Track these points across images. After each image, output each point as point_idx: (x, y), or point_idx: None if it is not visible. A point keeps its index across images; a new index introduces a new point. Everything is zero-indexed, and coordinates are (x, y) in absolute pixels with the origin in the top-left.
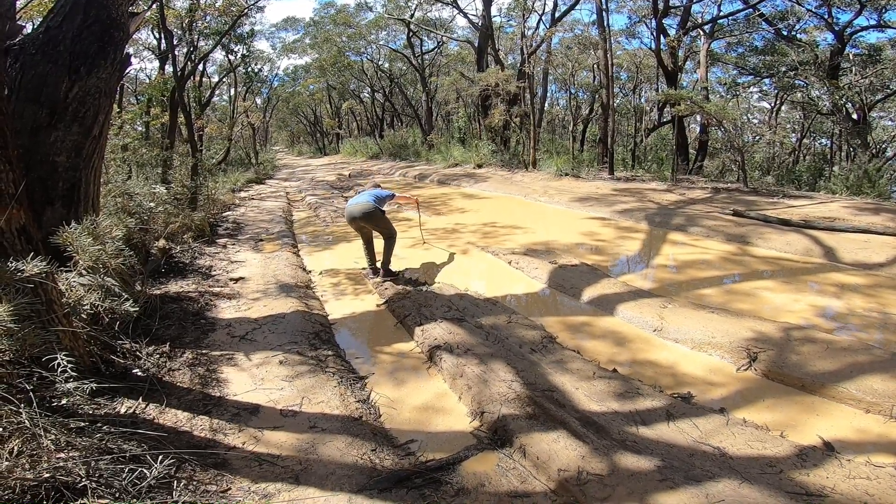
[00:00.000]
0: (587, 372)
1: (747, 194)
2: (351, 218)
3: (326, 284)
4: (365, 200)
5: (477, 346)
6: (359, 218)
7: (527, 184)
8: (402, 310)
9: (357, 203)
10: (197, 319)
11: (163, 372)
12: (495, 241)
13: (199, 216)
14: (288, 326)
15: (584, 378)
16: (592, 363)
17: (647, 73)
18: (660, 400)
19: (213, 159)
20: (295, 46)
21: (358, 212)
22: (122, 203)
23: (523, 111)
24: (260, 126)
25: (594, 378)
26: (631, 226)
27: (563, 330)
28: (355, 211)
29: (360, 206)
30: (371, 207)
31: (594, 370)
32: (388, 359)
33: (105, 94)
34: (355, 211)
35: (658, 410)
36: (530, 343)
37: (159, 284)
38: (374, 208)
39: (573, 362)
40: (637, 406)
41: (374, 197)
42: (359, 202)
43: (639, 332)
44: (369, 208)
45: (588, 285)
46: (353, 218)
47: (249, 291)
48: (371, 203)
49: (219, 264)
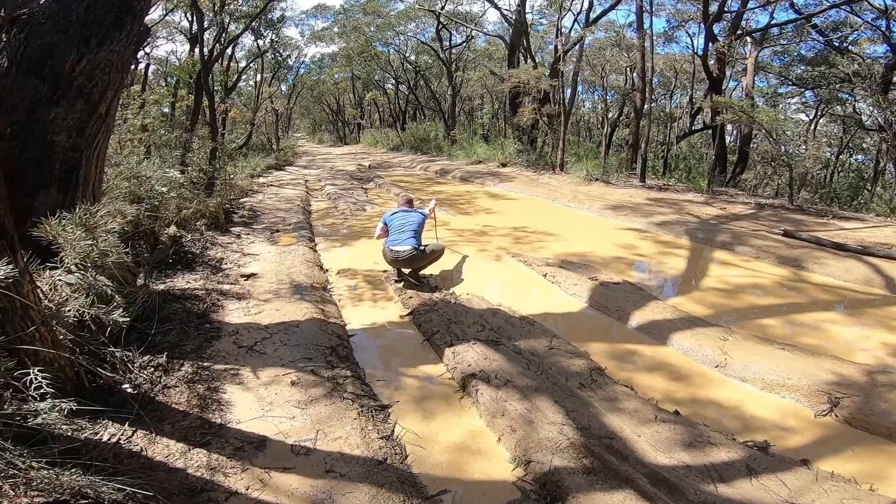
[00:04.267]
0: (647, 414)
1: (793, 212)
2: (394, 261)
3: (344, 287)
4: (408, 245)
5: (517, 376)
6: (403, 262)
7: (554, 187)
8: (429, 325)
9: (399, 247)
10: (201, 323)
11: (157, 389)
12: (528, 248)
13: (214, 203)
14: (302, 337)
15: (644, 422)
16: (650, 403)
17: (683, 78)
18: (736, 450)
19: (233, 143)
20: (323, 34)
21: (403, 257)
22: (132, 187)
23: (552, 111)
24: (283, 112)
25: (656, 422)
26: (671, 240)
27: (610, 359)
28: (400, 255)
29: (403, 251)
30: (413, 253)
31: (654, 412)
32: (414, 384)
33: (117, 69)
34: (400, 255)
35: (736, 464)
36: (577, 375)
37: (164, 278)
38: (416, 253)
39: (628, 401)
40: (711, 458)
41: (415, 232)
42: (400, 246)
43: (697, 366)
44: (412, 254)
45: (635, 308)
46: (395, 262)
47: (261, 291)
48: (413, 246)
49: (230, 256)
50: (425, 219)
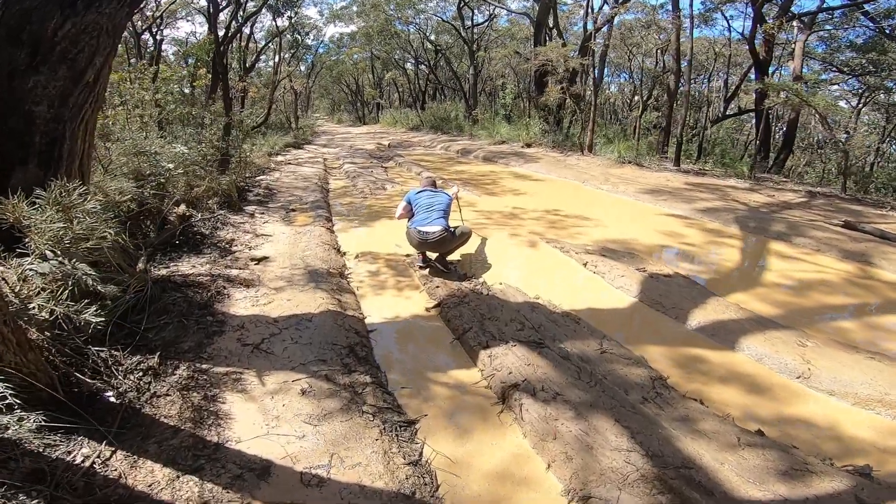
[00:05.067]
0: (728, 436)
1: (848, 202)
2: (421, 245)
3: (363, 273)
4: (438, 225)
5: (568, 387)
6: (430, 246)
7: (583, 168)
8: (459, 320)
9: (428, 227)
10: (203, 315)
11: (145, 398)
12: (564, 234)
13: (227, 180)
14: (315, 334)
15: (726, 446)
16: (730, 422)
17: (719, 62)
18: (839, 479)
19: (250, 121)
20: (342, 13)
21: (432, 239)
22: (138, 163)
23: (579, 91)
24: (302, 91)
25: (740, 446)
26: (719, 228)
27: (673, 366)
28: (429, 237)
29: (433, 232)
30: (443, 234)
31: (737, 434)
32: (443, 393)
33: (107, 33)
34: (429, 237)
35: (842, 497)
36: (637, 387)
37: (168, 261)
38: (447, 234)
39: (704, 420)
40: (811, 489)
41: (444, 212)
42: (430, 226)
43: (776, 377)
44: (442, 236)
45: (694, 306)
46: (423, 244)
47: (272, 277)
48: (443, 227)
49: (242, 238)
50: (451, 201)
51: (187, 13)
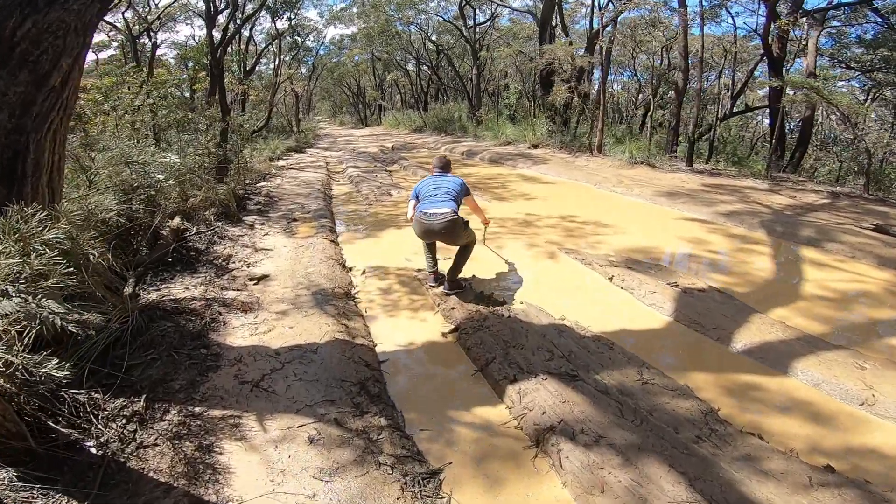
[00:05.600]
0: (798, 476)
1: (873, 203)
2: (427, 233)
3: (372, 291)
4: (446, 207)
5: (611, 428)
6: (438, 234)
7: (594, 170)
8: (480, 349)
9: (433, 209)
10: (196, 347)
11: (130, 449)
12: (583, 243)
13: (225, 189)
14: (321, 369)
15: (798, 488)
16: (797, 459)
17: (728, 58)
18: None
19: (248, 123)
20: (342, 15)
21: (438, 226)
22: (127, 175)
23: (586, 90)
24: (303, 94)
25: (813, 487)
26: (744, 234)
27: (722, 395)
28: (435, 225)
29: (440, 213)
30: (452, 217)
31: (807, 472)
32: (469, 435)
33: (75, 32)
34: (435, 225)
35: None
36: (689, 423)
37: (159, 283)
38: (456, 219)
39: (768, 458)
40: None
41: (453, 196)
42: (436, 207)
43: (836, 404)
44: (451, 219)
45: (736, 325)
46: (429, 233)
47: (273, 300)
48: (452, 210)
49: (240, 253)
50: (464, 189)
51: (186, 16)
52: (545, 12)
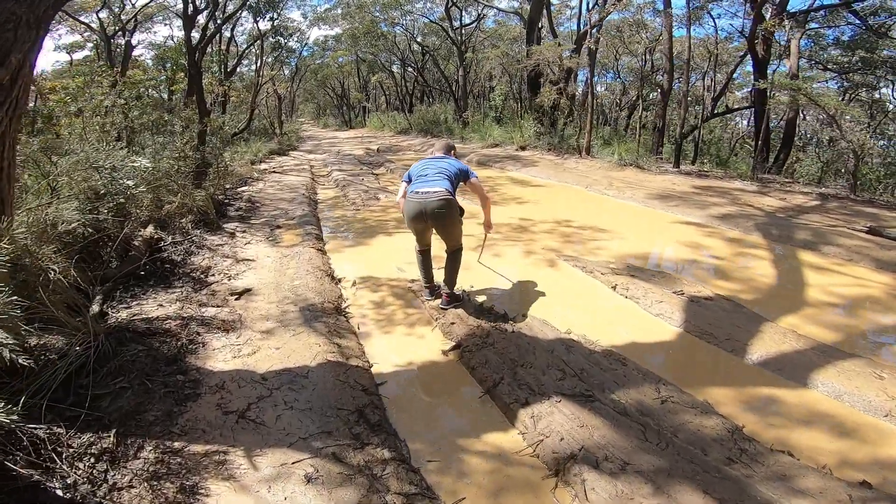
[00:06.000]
0: (836, 493)
1: (861, 204)
2: (419, 215)
3: (364, 305)
4: (439, 186)
5: (635, 453)
6: (430, 216)
7: (583, 172)
8: (485, 368)
9: (426, 187)
10: (171, 373)
11: (102, 491)
12: (582, 249)
13: (203, 195)
14: (314, 396)
15: None
16: (831, 475)
17: (711, 59)
18: None
19: (228, 125)
20: (326, 15)
21: (432, 205)
22: (96, 181)
23: (573, 91)
24: (286, 96)
25: None
26: (740, 237)
27: (744, 411)
28: (428, 204)
29: (433, 193)
30: (446, 197)
31: (845, 490)
32: (481, 465)
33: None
34: (428, 204)
35: None
36: (716, 443)
37: (130, 300)
38: (451, 199)
39: (802, 476)
40: None
41: (448, 177)
42: (428, 186)
43: (861, 416)
44: (445, 199)
45: (749, 335)
46: (420, 215)
47: (257, 317)
48: (446, 189)
49: (220, 265)
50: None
51: (164, 16)
52: (533, 13)
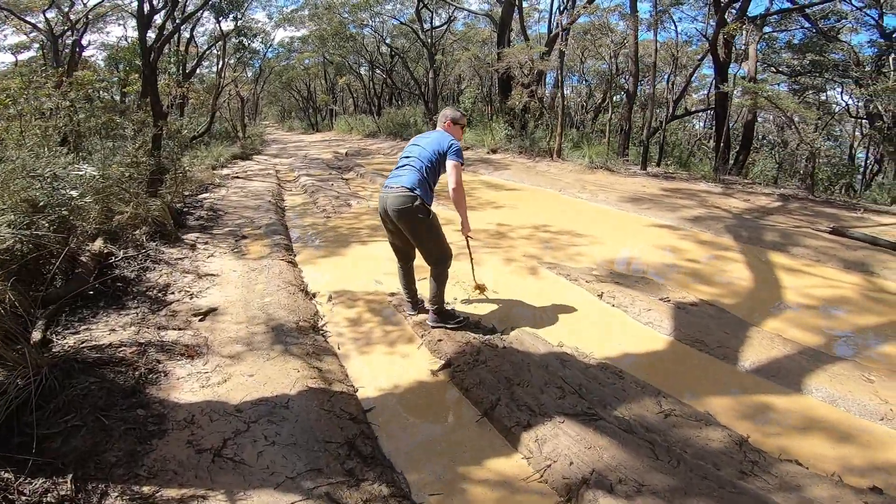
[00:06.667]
0: (850, 501)
1: (821, 205)
2: (383, 215)
3: (342, 322)
4: (398, 182)
5: (648, 474)
6: (392, 217)
7: (555, 175)
8: (481, 390)
9: (390, 184)
10: (130, 407)
11: None
12: (562, 255)
13: (159, 204)
14: (298, 428)
15: None
16: (842, 483)
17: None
18: None
19: (187, 128)
20: (293, 17)
21: (391, 203)
22: (26, 191)
23: (543, 94)
24: (249, 98)
25: None
26: (712, 240)
27: (743, 420)
28: (388, 202)
29: (393, 190)
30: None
31: (859, 497)
32: (487, 495)
33: None
34: (388, 202)
35: None
36: (725, 457)
37: (78, 323)
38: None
39: (816, 486)
40: None
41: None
42: (393, 181)
43: (857, 420)
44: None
45: (739, 342)
46: (384, 215)
47: (225, 340)
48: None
49: (180, 281)
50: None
51: (119, 16)
52: (505, 15)
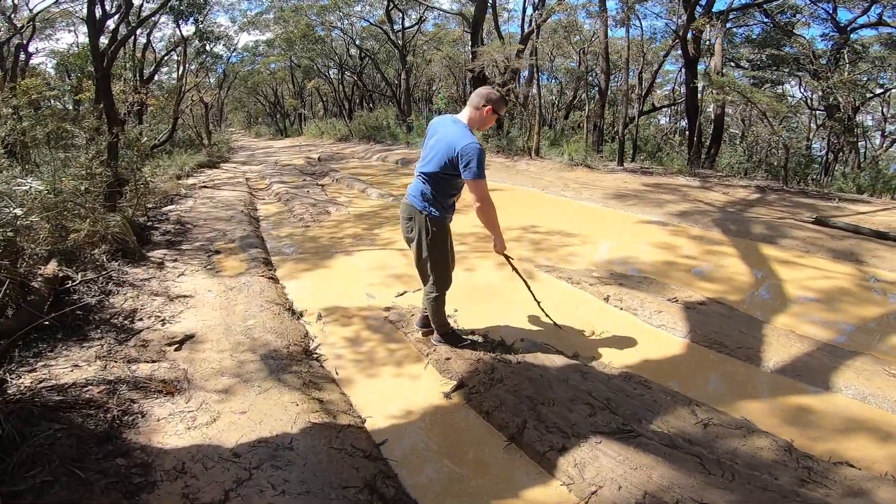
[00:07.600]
0: None
1: (797, 195)
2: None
3: (337, 343)
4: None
5: (705, 491)
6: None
7: (536, 174)
8: (504, 412)
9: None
10: (108, 456)
11: None
12: (555, 257)
13: (119, 219)
14: (308, 472)
15: None
16: None
17: (637, 59)
18: None
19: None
20: (258, 20)
21: (400, 211)
22: None
23: (519, 92)
24: (213, 104)
25: None
26: (703, 234)
27: (781, 424)
28: (400, 208)
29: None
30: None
31: None
32: None
33: None
34: (400, 208)
35: None
36: (778, 465)
37: (33, 359)
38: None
39: (879, 489)
40: None
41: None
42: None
43: (892, 417)
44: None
45: (756, 341)
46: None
47: (208, 372)
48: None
49: (149, 305)
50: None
51: (69, 22)
52: (478, 14)
